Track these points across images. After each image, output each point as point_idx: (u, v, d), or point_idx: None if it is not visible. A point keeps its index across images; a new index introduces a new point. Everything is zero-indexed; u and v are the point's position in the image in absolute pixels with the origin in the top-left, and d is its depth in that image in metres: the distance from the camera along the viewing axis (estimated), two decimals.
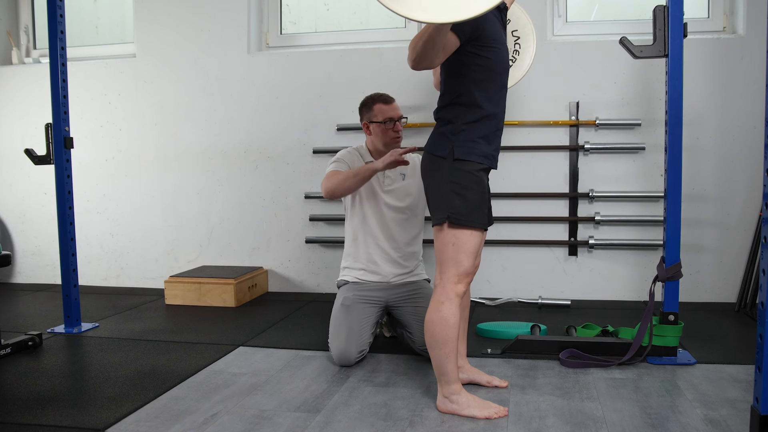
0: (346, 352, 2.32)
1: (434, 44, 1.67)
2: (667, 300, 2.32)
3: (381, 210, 2.51)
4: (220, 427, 1.84)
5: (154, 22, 3.88)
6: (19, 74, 4.13)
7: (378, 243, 2.52)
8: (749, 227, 3.27)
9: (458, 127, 1.85)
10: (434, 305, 1.86)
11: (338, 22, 3.86)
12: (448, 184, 1.84)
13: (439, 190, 1.87)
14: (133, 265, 4.01)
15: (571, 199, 3.40)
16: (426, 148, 1.94)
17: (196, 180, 3.88)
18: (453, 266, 1.85)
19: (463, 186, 1.83)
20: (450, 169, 1.84)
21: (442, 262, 1.87)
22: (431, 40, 1.66)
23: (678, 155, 2.30)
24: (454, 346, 1.86)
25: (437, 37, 1.65)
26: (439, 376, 1.90)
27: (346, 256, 2.63)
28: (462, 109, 1.86)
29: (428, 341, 1.88)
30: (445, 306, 1.84)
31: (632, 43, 2.30)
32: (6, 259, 2.60)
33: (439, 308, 1.85)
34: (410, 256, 2.58)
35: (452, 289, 1.84)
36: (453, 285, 1.84)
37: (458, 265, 1.84)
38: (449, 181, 1.84)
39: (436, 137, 1.91)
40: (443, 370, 1.88)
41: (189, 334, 2.87)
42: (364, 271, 2.55)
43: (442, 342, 1.85)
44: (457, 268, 1.84)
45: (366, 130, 2.50)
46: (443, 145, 1.86)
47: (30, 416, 1.92)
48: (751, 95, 3.21)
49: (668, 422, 1.82)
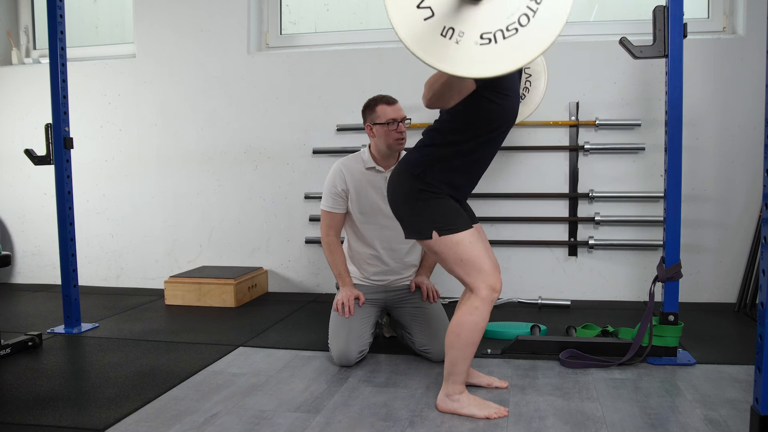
0: (346, 353, 2.32)
1: (452, 88, 1.70)
2: (667, 300, 2.32)
3: (380, 222, 2.48)
4: (220, 427, 1.84)
5: (154, 22, 3.88)
6: (19, 74, 4.13)
7: (376, 254, 2.51)
8: (749, 227, 3.27)
9: (440, 154, 1.88)
10: (467, 309, 1.85)
11: (338, 22, 3.86)
12: (422, 199, 1.87)
13: (415, 205, 1.89)
14: (133, 265, 4.01)
15: (571, 199, 3.40)
16: (402, 160, 1.97)
17: (196, 180, 3.88)
18: (474, 272, 1.84)
19: (435, 197, 1.87)
20: (421, 187, 1.87)
21: (460, 272, 1.87)
22: (449, 84, 1.68)
23: (678, 155, 2.30)
24: (475, 349, 1.88)
25: (456, 82, 1.66)
26: (448, 375, 1.90)
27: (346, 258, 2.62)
28: (452, 140, 1.88)
29: (451, 340, 1.88)
30: (479, 310, 1.83)
31: (632, 43, 2.30)
32: (6, 259, 2.60)
33: (472, 312, 1.84)
34: (407, 267, 2.57)
35: (487, 295, 1.84)
36: (485, 288, 1.84)
37: (480, 269, 1.84)
38: (421, 197, 1.87)
39: (416, 154, 1.93)
40: (456, 369, 1.88)
41: (189, 334, 2.87)
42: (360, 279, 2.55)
43: (465, 344, 1.85)
44: (480, 271, 1.84)
45: (369, 132, 2.48)
46: (419, 164, 1.89)
47: (30, 416, 1.92)
48: (751, 95, 3.21)
49: (668, 422, 1.82)
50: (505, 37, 1.39)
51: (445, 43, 1.40)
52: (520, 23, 1.38)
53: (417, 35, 1.41)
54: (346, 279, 2.49)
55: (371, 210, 2.48)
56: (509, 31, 1.38)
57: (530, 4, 1.38)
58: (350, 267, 2.56)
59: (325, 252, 2.53)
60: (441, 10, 1.41)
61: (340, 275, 2.49)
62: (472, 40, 1.40)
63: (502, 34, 1.39)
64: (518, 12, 1.38)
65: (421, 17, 1.41)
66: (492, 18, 1.39)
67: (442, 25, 1.40)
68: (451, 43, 1.40)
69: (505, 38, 1.39)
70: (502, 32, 1.39)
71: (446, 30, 1.40)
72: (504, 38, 1.39)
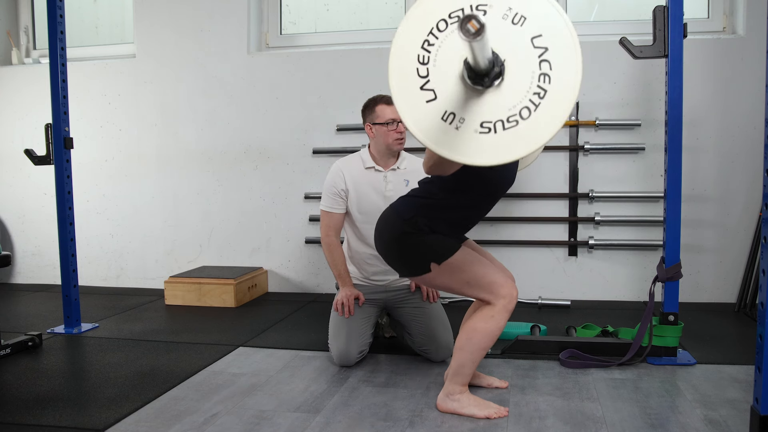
0: (346, 353, 2.32)
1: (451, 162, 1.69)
2: (667, 300, 2.32)
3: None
4: (220, 427, 1.84)
5: (154, 22, 3.88)
6: (19, 74, 4.13)
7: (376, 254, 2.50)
8: (749, 227, 3.27)
9: (434, 206, 1.88)
10: (484, 316, 1.85)
11: (338, 22, 3.86)
12: (411, 239, 1.87)
13: (404, 245, 1.88)
14: (132, 265, 4.01)
15: (571, 199, 3.40)
16: (392, 206, 1.97)
17: (196, 180, 3.88)
18: (486, 287, 1.84)
19: (423, 236, 1.87)
20: (409, 230, 1.87)
21: (473, 293, 1.87)
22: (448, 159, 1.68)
23: (678, 155, 2.30)
24: (484, 355, 1.89)
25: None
26: (452, 375, 1.91)
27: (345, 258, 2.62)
28: (447, 197, 1.88)
29: (462, 343, 1.88)
30: (495, 319, 1.84)
31: (632, 43, 2.30)
32: (6, 259, 2.60)
33: (488, 320, 1.84)
34: None
35: (505, 305, 1.84)
36: (502, 298, 1.84)
37: (490, 283, 1.84)
38: (410, 237, 1.87)
39: (407, 202, 1.93)
40: (462, 371, 1.88)
41: (189, 334, 2.87)
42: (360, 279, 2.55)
43: (476, 349, 1.86)
44: (492, 285, 1.84)
45: (368, 132, 2.48)
46: (410, 211, 1.89)
47: (30, 416, 1.92)
48: (751, 95, 3.21)
49: (668, 422, 1.82)
50: (505, 128, 1.38)
51: (444, 128, 1.40)
52: (521, 116, 1.38)
53: (418, 117, 1.41)
54: (345, 279, 2.49)
55: (371, 210, 2.47)
56: (510, 122, 1.38)
57: (533, 99, 1.37)
58: (350, 267, 2.56)
59: (325, 252, 2.53)
60: (444, 94, 1.40)
61: (340, 275, 2.49)
62: (472, 128, 1.39)
63: (503, 125, 1.39)
64: (521, 104, 1.38)
65: (423, 99, 1.41)
66: (494, 108, 1.38)
67: (444, 110, 1.40)
68: (450, 128, 1.40)
69: (504, 129, 1.38)
70: (502, 123, 1.39)
71: (447, 114, 1.40)
72: (504, 129, 1.38)
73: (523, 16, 1.38)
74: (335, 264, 2.50)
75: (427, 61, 1.41)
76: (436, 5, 1.41)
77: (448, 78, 1.40)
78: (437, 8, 1.41)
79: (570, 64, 1.39)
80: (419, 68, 1.42)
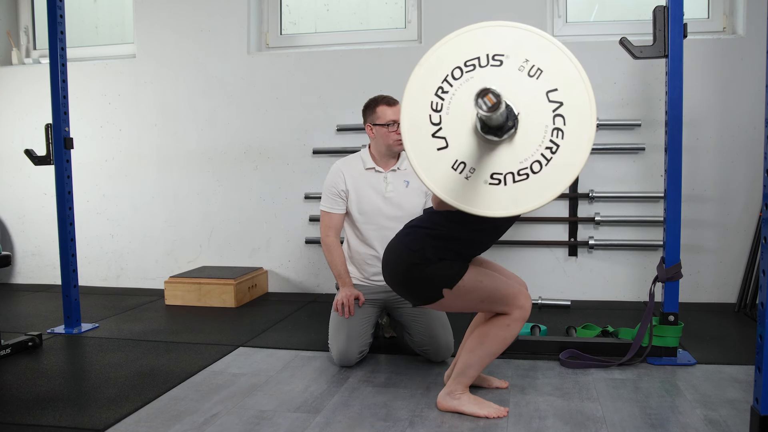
0: (346, 353, 2.32)
1: None
2: (667, 300, 2.32)
3: (380, 222, 2.48)
4: (220, 427, 1.84)
5: (154, 22, 3.88)
6: (19, 75, 4.13)
7: (376, 255, 2.50)
8: (749, 228, 3.27)
9: (440, 236, 1.85)
10: (499, 323, 1.85)
11: (338, 23, 3.86)
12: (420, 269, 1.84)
13: (414, 275, 1.85)
14: (132, 265, 4.01)
15: (571, 199, 3.40)
16: (400, 238, 1.93)
17: (196, 180, 3.88)
18: (500, 301, 1.84)
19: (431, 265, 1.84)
20: (417, 261, 1.84)
21: (489, 308, 1.87)
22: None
23: (678, 155, 2.30)
24: (492, 360, 1.89)
25: None
26: (457, 374, 1.91)
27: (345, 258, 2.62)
28: (453, 228, 1.85)
29: (472, 345, 1.88)
30: (510, 328, 1.84)
31: (632, 43, 2.30)
32: (6, 259, 2.60)
33: (503, 327, 1.85)
34: None
35: (520, 315, 1.84)
36: (517, 309, 1.84)
37: (504, 296, 1.84)
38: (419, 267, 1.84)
39: (414, 233, 1.90)
40: (468, 372, 1.89)
41: (189, 334, 2.87)
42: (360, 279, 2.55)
43: (487, 353, 1.86)
44: (506, 297, 1.84)
45: (369, 133, 2.48)
46: (417, 242, 1.86)
47: (30, 416, 1.92)
48: (751, 95, 3.21)
49: (668, 423, 1.82)
50: (516, 180, 1.38)
51: (454, 177, 1.39)
52: (532, 169, 1.37)
53: (428, 164, 1.39)
54: (345, 279, 2.49)
55: (371, 210, 2.47)
56: (520, 175, 1.38)
57: (545, 153, 1.36)
58: (350, 267, 2.56)
59: (325, 252, 2.53)
60: (456, 143, 1.39)
61: (340, 276, 2.49)
62: (482, 179, 1.38)
63: (513, 178, 1.38)
64: (532, 158, 1.37)
65: (434, 146, 1.40)
66: (506, 160, 1.37)
67: (455, 159, 1.39)
68: (460, 177, 1.39)
69: (515, 182, 1.38)
70: (513, 175, 1.38)
71: (458, 164, 1.39)
72: (514, 182, 1.38)
73: (540, 68, 1.37)
74: (335, 264, 2.50)
75: (440, 108, 1.40)
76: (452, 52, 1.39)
77: (461, 127, 1.38)
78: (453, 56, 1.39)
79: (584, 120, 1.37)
80: (432, 115, 1.40)
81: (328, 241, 2.51)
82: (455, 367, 1.93)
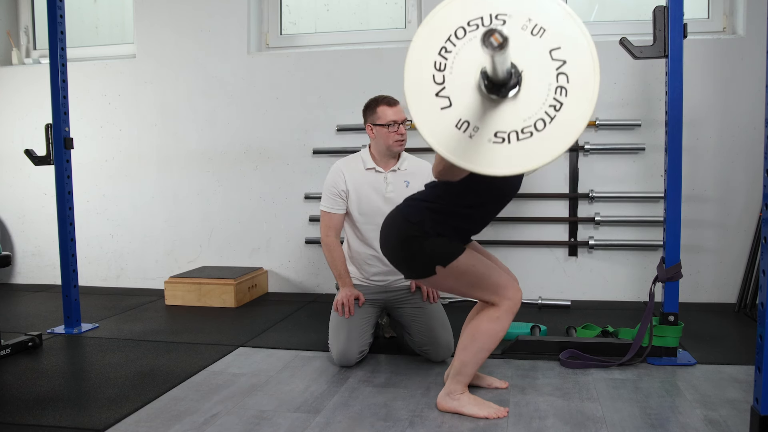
0: (346, 353, 2.32)
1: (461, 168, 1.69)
2: (667, 300, 2.32)
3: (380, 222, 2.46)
4: (220, 427, 1.84)
5: (154, 22, 3.88)
6: (19, 75, 4.13)
7: (376, 255, 2.50)
8: (749, 228, 3.27)
9: (441, 210, 1.87)
10: (489, 317, 1.85)
11: (338, 23, 3.86)
12: (418, 241, 1.86)
13: (411, 247, 1.87)
14: (132, 265, 4.01)
15: (571, 199, 3.40)
16: (400, 209, 1.95)
17: (196, 180, 3.88)
18: (491, 290, 1.84)
19: (429, 238, 1.86)
20: (415, 234, 1.87)
21: (478, 294, 1.87)
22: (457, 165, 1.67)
23: (678, 156, 2.30)
24: (487, 356, 1.89)
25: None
26: (454, 374, 1.91)
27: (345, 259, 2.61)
28: (454, 201, 1.87)
29: (465, 342, 1.88)
30: (500, 320, 1.84)
31: (632, 43, 2.30)
32: (6, 259, 2.60)
33: (493, 321, 1.85)
34: None
35: (509, 306, 1.84)
36: (506, 300, 1.84)
37: (495, 285, 1.84)
38: (416, 240, 1.86)
39: (414, 205, 1.91)
40: (464, 371, 1.89)
41: (189, 334, 2.87)
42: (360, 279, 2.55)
43: (479, 349, 1.86)
44: (497, 287, 1.84)
45: (369, 133, 2.48)
46: (417, 214, 1.88)
47: (30, 416, 1.92)
48: (751, 95, 3.21)
49: (668, 423, 1.82)
50: (519, 139, 1.38)
51: (458, 136, 1.39)
52: (536, 128, 1.37)
53: (431, 123, 1.40)
54: (345, 279, 2.49)
55: (371, 210, 2.47)
56: (524, 133, 1.37)
57: (549, 111, 1.37)
58: (350, 267, 2.56)
59: (325, 252, 2.53)
60: (459, 102, 1.39)
61: (340, 276, 2.49)
62: (486, 137, 1.38)
63: (517, 136, 1.38)
64: (536, 116, 1.37)
65: (438, 105, 1.40)
66: (509, 118, 1.37)
67: (458, 118, 1.39)
68: (464, 136, 1.39)
69: (518, 140, 1.37)
70: (516, 134, 1.38)
71: (461, 123, 1.39)
72: (518, 140, 1.37)
73: (543, 27, 1.37)
74: (335, 264, 2.50)
75: (443, 68, 1.40)
76: (456, 12, 1.40)
77: (465, 86, 1.39)
78: (456, 16, 1.40)
79: (588, 78, 1.37)
80: (435, 75, 1.41)
81: (329, 241, 2.51)
82: (452, 366, 1.93)
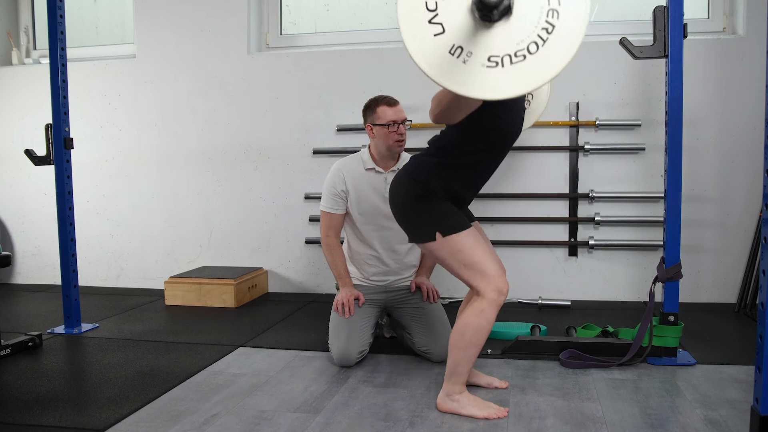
0: (346, 353, 2.32)
1: (459, 105, 1.70)
2: (667, 300, 2.32)
3: (380, 222, 2.48)
4: (220, 427, 1.84)
5: (154, 22, 3.88)
6: (19, 75, 4.13)
7: (376, 255, 2.51)
8: (749, 228, 3.27)
9: (444, 165, 1.88)
10: (474, 311, 1.85)
11: (338, 23, 3.86)
12: (423, 202, 1.87)
13: (416, 208, 1.89)
14: (132, 265, 4.01)
15: (571, 199, 3.40)
16: (404, 167, 1.97)
17: (196, 180, 3.88)
18: (479, 275, 1.84)
19: (435, 200, 1.87)
20: (421, 193, 1.88)
21: (466, 276, 1.87)
22: (456, 101, 1.68)
23: (678, 156, 2.30)
24: (478, 351, 1.88)
25: (463, 99, 1.66)
26: (449, 375, 1.90)
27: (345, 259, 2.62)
28: (457, 152, 1.88)
29: (455, 340, 1.88)
30: (485, 313, 1.83)
31: (632, 43, 2.30)
32: (6, 259, 2.60)
33: (478, 314, 1.84)
34: (407, 267, 2.57)
35: (494, 298, 1.83)
36: (492, 290, 1.83)
37: (485, 272, 1.84)
38: (422, 200, 1.87)
39: (419, 164, 1.93)
40: (458, 370, 1.88)
41: (189, 334, 2.87)
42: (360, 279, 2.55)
43: (469, 345, 1.86)
44: (485, 274, 1.84)
45: (369, 133, 2.48)
46: (422, 172, 1.89)
47: (30, 416, 1.93)
48: (751, 95, 3.21)
49: (668, 423, 1.82)
50: (513, 62, 1.38)
51: (452, 61, 1.40)
52: (528, 50, 1.38)
53: (425, 51, 1.40)
54: (345, 279, 2.49)
55: (371, 211, 2.48)
56: (517, 57, 1.38)
57: (541, 33, 1.38)
58: (350, 267, 2.56)
59: (325, 253, 2.53)
60: (452, 28, 1.40)
61: (340, 276, 2.49)
62: (480, 61, 1.39)
63: (510, 59, 1.39)
64: (529, 39, 1.38)
65: (431, 33, 1.41)
66: (502, 42, 1.38)
67: (452, 44, 1.40)
68: (458, 62, 1.40)
69: (512, 63, 1.38)
70: (510, 57, 1.39)
71: (455, 48, 1.40)
72: (511, 63, 1.38)
73: None
74: (335, 264, 2.50)
75: None
76: None
77: (457, 11, 1.40)
78: None
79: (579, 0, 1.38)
80: (428, 2, 1.42)
81: (329, 241, 2.51)
82: (447, 368, 1.93)
